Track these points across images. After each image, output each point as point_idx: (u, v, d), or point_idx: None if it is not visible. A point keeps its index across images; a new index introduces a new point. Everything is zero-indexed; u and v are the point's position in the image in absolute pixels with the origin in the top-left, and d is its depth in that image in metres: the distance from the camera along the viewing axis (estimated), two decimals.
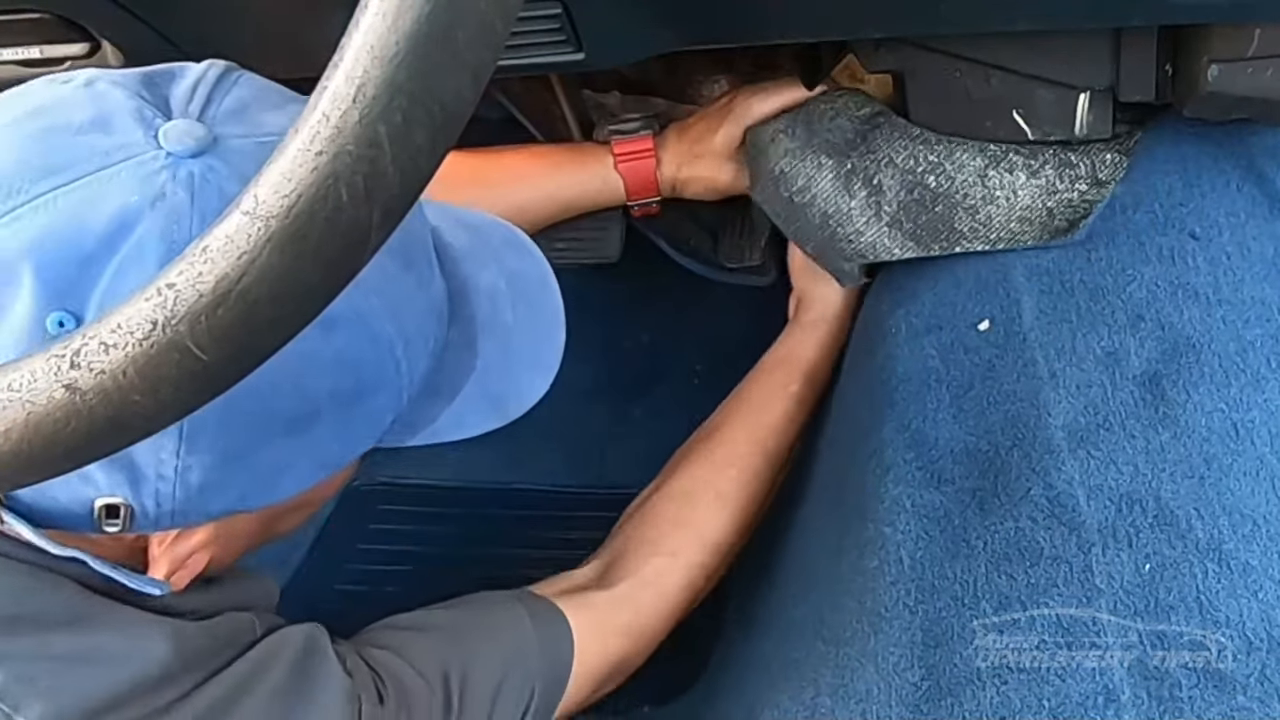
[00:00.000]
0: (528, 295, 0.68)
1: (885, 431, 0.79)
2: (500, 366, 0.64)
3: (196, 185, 0.49)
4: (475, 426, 0.64)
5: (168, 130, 0.50)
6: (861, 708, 0.68)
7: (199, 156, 0.50)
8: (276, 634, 0.62)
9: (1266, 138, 0.84)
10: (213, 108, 0.52)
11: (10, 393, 0.35)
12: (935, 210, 0.86)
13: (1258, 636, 0.61)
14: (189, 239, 0.47)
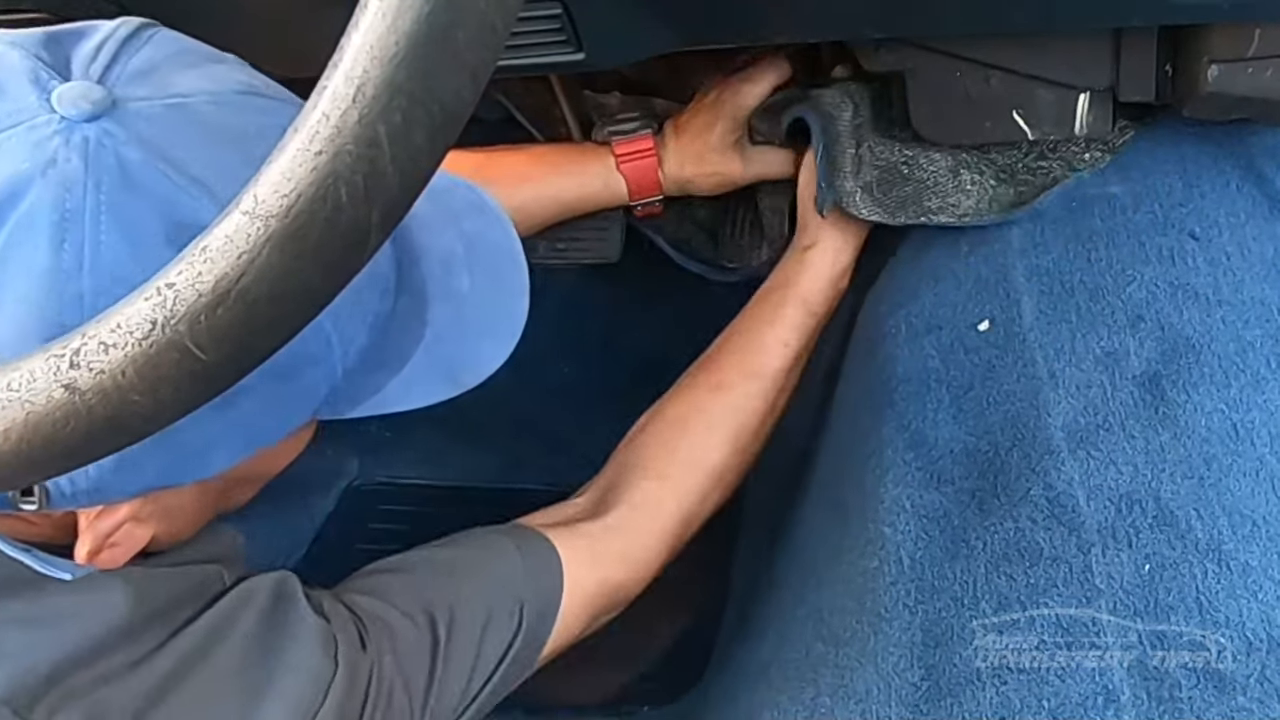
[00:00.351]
0: (487, 261, 0.65)
1: (885, 431, 0.79)
2: (453, 335, 0.62)
3: (91, 151, 0.47)
4: (425, 396, 0.60)
5: (62, 93, 0.48)
6: (861, 708, 0.68)
7: (95, 121, 0.48)
8: (245, 583, 0.61)
9: (1266, 138, 0.84)
10: (117, 68, 0.50)
11: (9, 393, 0.35)
12: (905, 190, 0.89)
13: (1257, 637, 0.61)
14: (83, 208, 0.47)
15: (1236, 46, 0.75)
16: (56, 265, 0.47)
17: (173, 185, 0.48)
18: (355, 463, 1.35)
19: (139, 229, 0.48)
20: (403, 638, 0.65)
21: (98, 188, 0.47)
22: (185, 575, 0.59)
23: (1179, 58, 0.80)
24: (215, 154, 0.50)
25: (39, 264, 0.46)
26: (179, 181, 0.48)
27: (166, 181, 0.48)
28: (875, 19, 0.78)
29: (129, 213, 0.47)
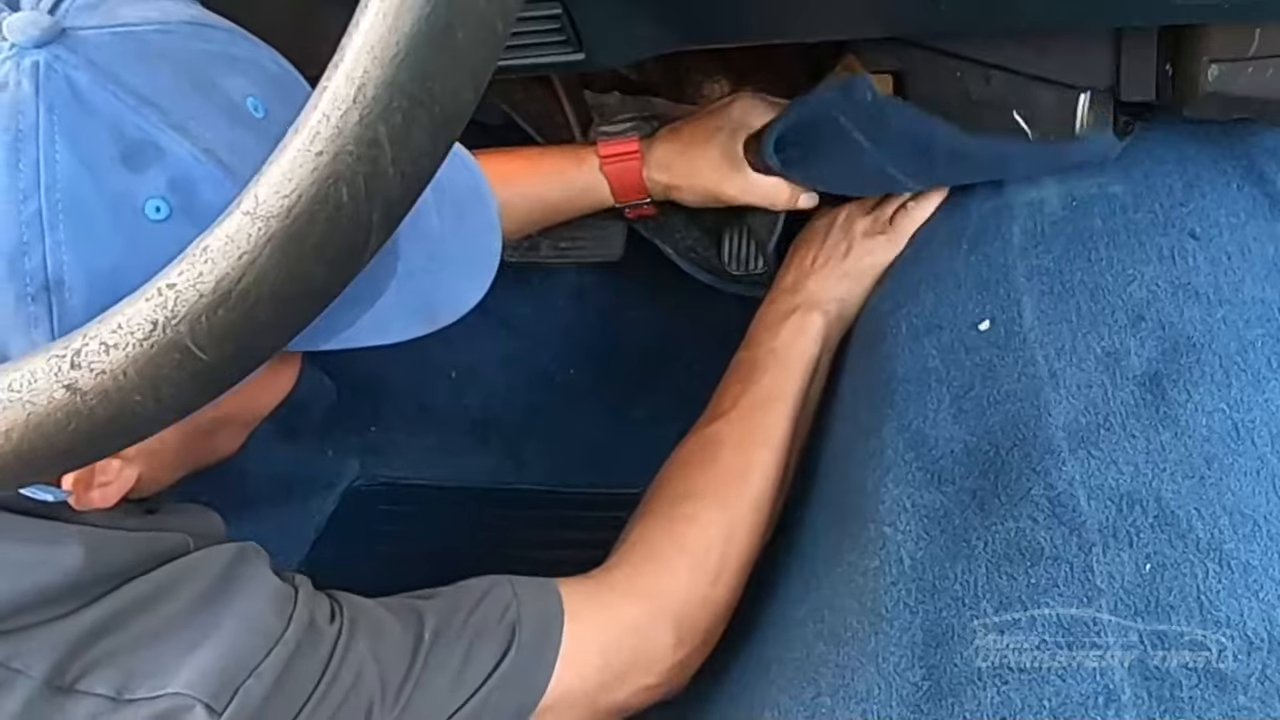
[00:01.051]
0: (457, 203, 0.66)
1: (885, 431, 0.79)
2: (426, 272, 0.62)
3: (42, 75, 0.49)
4: (400, 332, 0.61)
5: (11, 22, 0.50)
6: (862, 708, 0.68)
7: (44, 47, 0.49)
8: (210, 548, 0.61)
9: (1266, 138, 0.84)
10: (65, 2, 0.52)
11: (11, 393, 0.35)
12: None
13: (1258, 636, 0.61)
14: (36, 128, 0.48)
15: (1236, 46, 0.75)
16: (13, 184, 0.48)
17: (123, 105, 0.50)
18: (355, 463, 1.35)
19: (91, 147, 0.49)
20: (386, 628, 0.65)
21: (50, 109, 0.48)
22: (149, 540, 0.60)
23: (1179, 58, 0.79)
24: (164, 77, 0.51)
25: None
26: (129, 102, 0.50)
27: (116, 101, 0.50)
28: (875, 19, 0.78)
29: (81, 131, 0.49)
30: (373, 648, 0.63)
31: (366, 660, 0.63)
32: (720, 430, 0.86)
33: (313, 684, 0.60)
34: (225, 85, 0.53)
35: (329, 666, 0.61)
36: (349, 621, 0.63)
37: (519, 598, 0.70)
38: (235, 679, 0.57)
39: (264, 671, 0.58)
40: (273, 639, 0.59)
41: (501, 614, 0.69)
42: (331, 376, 1.34)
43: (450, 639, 0.66)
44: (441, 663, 0.66)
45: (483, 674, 0.67)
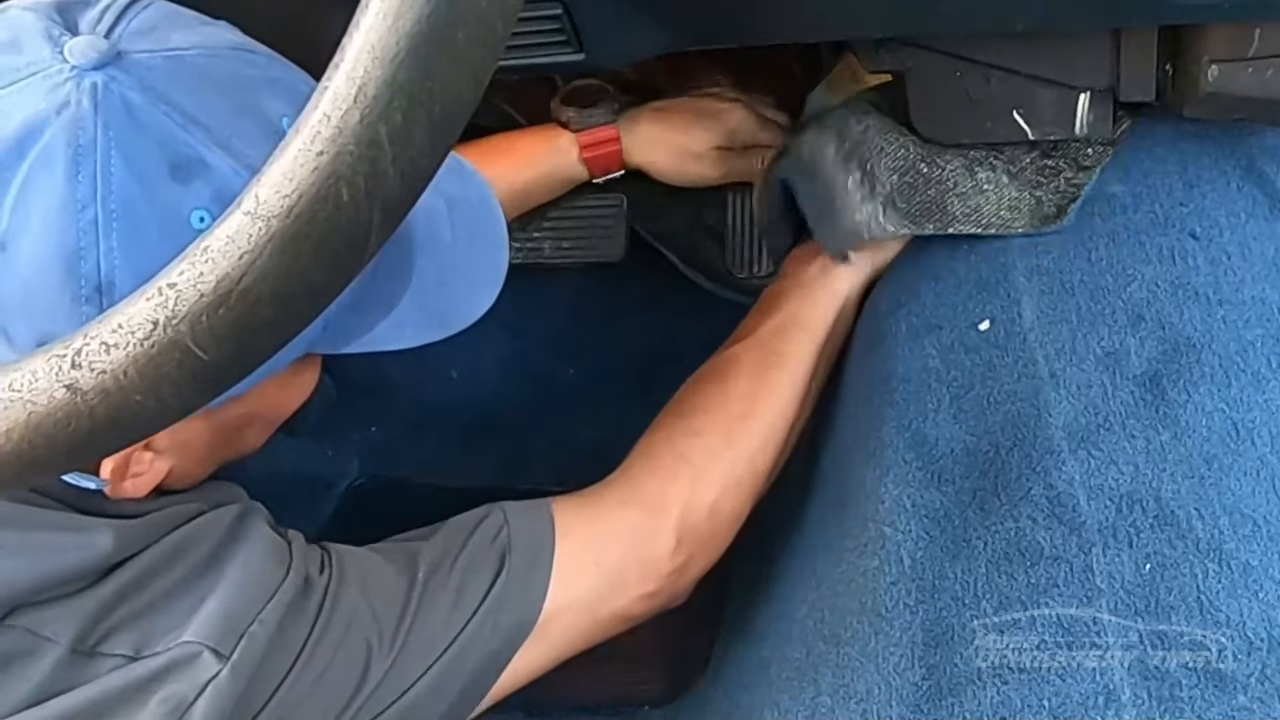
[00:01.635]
0: (467, 217, 0.70)
1: (885, 431, 0.79)
2: (438, 282, 0.66)
3: (100, 95, 0.52)
4: (414, 338, 0.65)
5: (73, 46, 0.53)
6: (862, 708, 0.68)
7: (102, 69, 0.53)
8: (213, 511, 0.65)
9: (1266, 138, 0.84)
10: (120, 27, 0.55)
11: (11, 393, 0.35)
12: (928, 193, 0.87)
13: (1258, 636, 0.61)
14: (94, 144, 0.52)
15: (1236, 46, 0.75)
16: (71, 195, 0.52)
17: (172, 123, 0.54)
18: (356, 463, 1.35)
19: (144, 161, 0.53)
20: (378, 573, 0.67)
21: (106, 126, 0.52)
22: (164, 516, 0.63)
23: (1179, 58, 0.80)
24: (209, 97, 0.55)
25: (57, 194, 0.52)
26: (178, 120, 0.54)
27: (166, 120, 0.53)
28: (875, 19, 0.78)
29: (134, 147, 0.53)
30: (365, 593, 0.66)
31: (359, 606, 0.65)
32: (736, 353, 0.86)
33: (307, 632, 0.62)
34: (264, 106, 0.56)
35: (320, 616, 0.63)
36: (338, 570, 0.66)
37: (510, 522, 0.72)
38: (240, 625, 0.60)
39: (266, 618, 0.61)
40: (273, 587, 0.62)
41: (493, 540, 0.71)
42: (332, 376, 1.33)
43: (444, 574, 0.68)
44: (436, 599, 0.67)
45: (476, 601, 0.68)
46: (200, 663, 0.59)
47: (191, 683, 0.58)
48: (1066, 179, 0.85)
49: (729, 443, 0.81)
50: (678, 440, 0.81)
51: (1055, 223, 0.83)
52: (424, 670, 0.66)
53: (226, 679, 0.59)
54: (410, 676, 0.66)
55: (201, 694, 0.58)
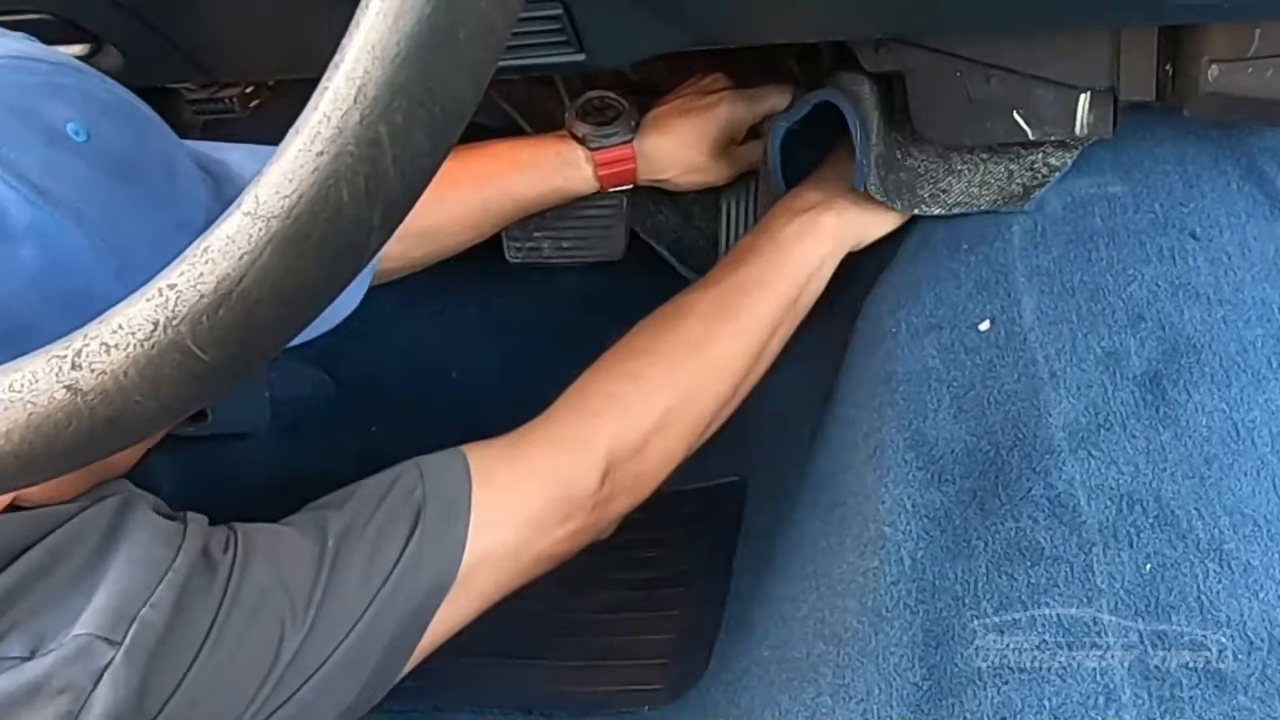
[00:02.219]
0: None
1: (885, 431, 0.79)
2: None
3: None
4: None
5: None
6: (862, 708, 0.68)
7: None
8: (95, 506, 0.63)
9: (1266, 138, 0.84)
10: None
11: (11, 393, 0.35)
12: (899, 176, 0.89)
13: (1258, 636, 0.61)
14: None
15: (1236, 46, 0.75)
16: None
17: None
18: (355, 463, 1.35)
19: None
20: (286, 545, 0.66)
21: None
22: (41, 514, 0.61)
23: (1179, 58, 0.80)
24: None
25: None
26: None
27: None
28: (875, 19, 0.78)
29: None
30: (274, 566, 0.64)
31: (268, 580, 0.64)
32: (695, 299, 0.85)
33: (213, 612, 0.61)
34: (44, 112, 0.55)
35: (227, 591, 0.62)
36: (243, 546, 0.64)
37: (424, 477, 0.71)
38: (129, 610, 0.59)
39: (158, 601, 0.59)
40: (162, 569, 0.60)
41: (405, 498, 0.69)
42: (331, 376, 1.33)
43: (355, 538, 0.67)
44: (348, 565, 0.66)
45: (390, 563, 0.67)
46: (92, 651, 0.57)
47: (86, 672, 0.57)
48: (1044, 156, 0.86)
49: (667, 384, 0.80)
50: (611, 381, 0.80)
51: (1019, 204, 0.85)
52: (340, 640, 0.65)
53: (121, 665, 0.57)
54: (327, 648, 0.65)
55: (99, 682, 0.57)
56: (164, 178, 0.60)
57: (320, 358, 1.33)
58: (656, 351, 0.81)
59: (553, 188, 1.01)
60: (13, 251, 0.53)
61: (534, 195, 1.01)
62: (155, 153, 0.60)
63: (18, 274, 0.53)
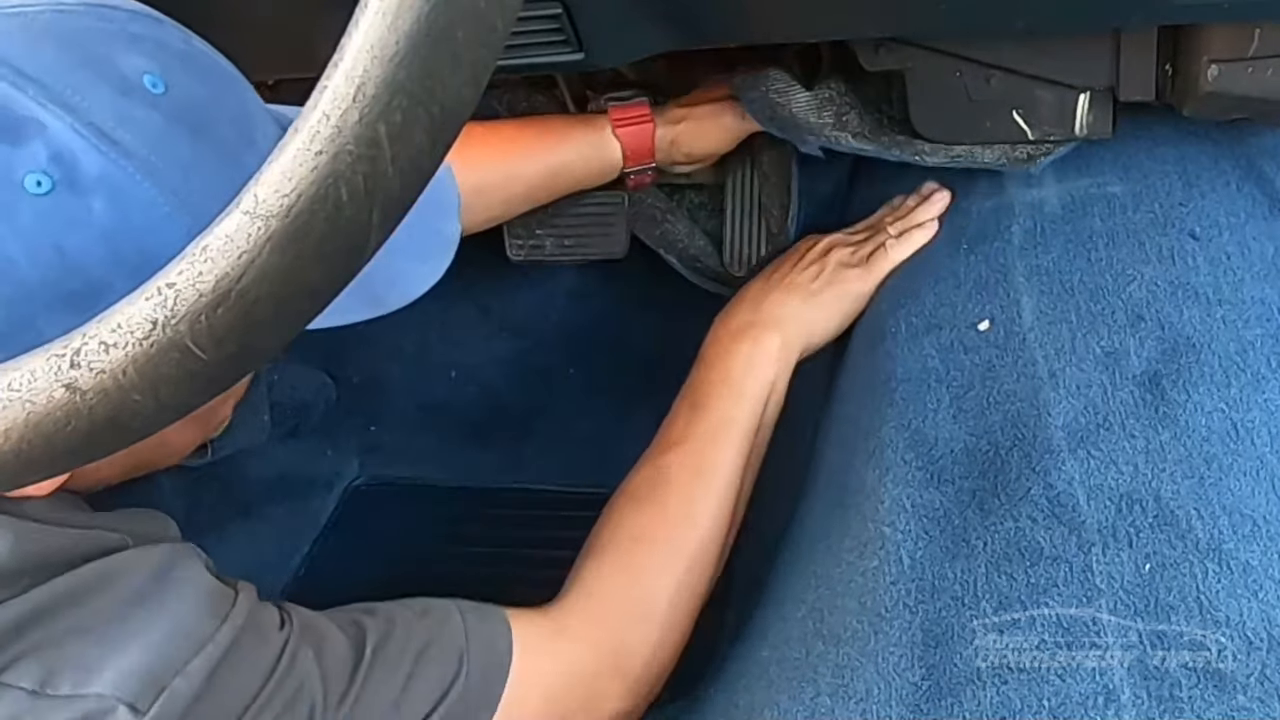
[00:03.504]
0: None
1: (885, 431, 0.79)
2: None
3: None
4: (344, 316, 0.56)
5: None
6: (861, 708, 0.67)
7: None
8: (147, 547, 0.60)
9: (1266, 138, 0.84)
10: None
11: (10, 392, 0.35)
12: (898, 136, 0.91)
13: (1258, 636, 0.61)
14: None
15: (1236, 46, 0.75)
16: None
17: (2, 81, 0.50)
18: (355, 463, 1.35)
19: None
20: (330, 639, 0.64)
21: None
22: (84, 536, 0.59)
23: (1179, 58, 0.80)
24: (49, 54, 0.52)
25: None
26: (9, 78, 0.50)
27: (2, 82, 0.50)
28: (875, 19, 0.78)
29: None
30: (318, 657, 0.62)
31: (311, 669, 0.62)
32: (670, 464, 0.84)
33: (257, 687, 0.59)
34: (119, 61, 0.53)
35: (275, 671, 0.60)
36: (298, 629, 0.62)
37: (466, 623, 0.69)
38: (161, 679, 0.56)
39: (192, 671, 0.56)
40: (203, 640, 0.58)
41: (450, 638, 0.68)
42: (332, 376, 1.34)
43: (393, 656, 0.65)
44: (384, 679, 0.64)
45: (430, 699, 0.65)
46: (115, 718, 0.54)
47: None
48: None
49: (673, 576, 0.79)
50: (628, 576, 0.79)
51: (1024, 165, 0.85)
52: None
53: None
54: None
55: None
56: (238, 135, 0.57)
57: (321, 359, 1.33)
58: (654, 539, 0.81)
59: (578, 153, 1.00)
60: (84, 204, 0.51)
61: (561, 163, 1.00)
62: (231, 108, 0.58)
63: (89, 226, 0.51)
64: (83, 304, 0.51)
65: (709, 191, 1.15)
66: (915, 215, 0.94)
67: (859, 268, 0.92)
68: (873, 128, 0.93)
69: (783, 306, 0.90)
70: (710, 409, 0.86)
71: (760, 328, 0.89)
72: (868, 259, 0.93)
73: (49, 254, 0.50)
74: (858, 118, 0.93)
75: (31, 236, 0.49)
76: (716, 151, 1.04)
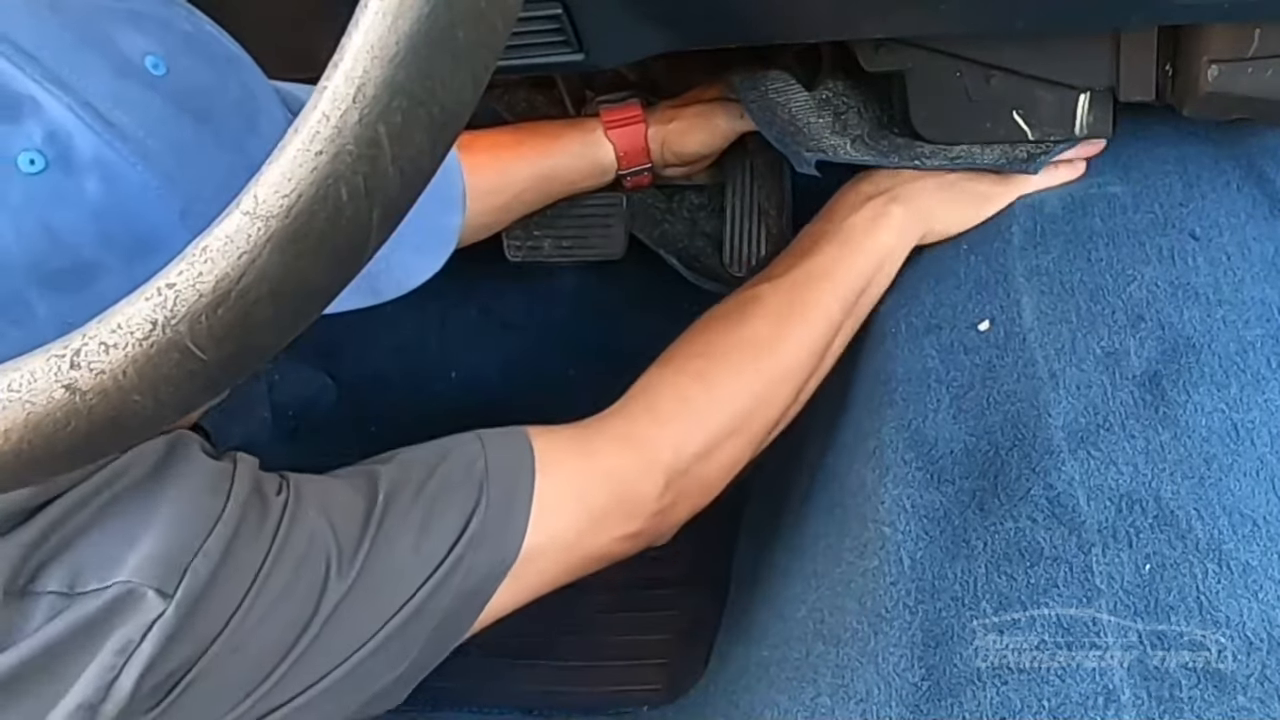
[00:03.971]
0: None
1: (885, 431, 0.79)
2: None
3: None
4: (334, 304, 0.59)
5: None
6: (861, 708, 0.68)
7: None
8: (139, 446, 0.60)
9: (1266, 138, 0.84)
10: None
11: (10, 393, 0.35)
12: (898, 139, 0.90)
13: (1258, 636, 0.61)
14: None
15: (1236, 46, 0.75)
16: None
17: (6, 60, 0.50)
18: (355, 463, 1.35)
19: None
20: (337, 494, 0.64)
21: None
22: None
23: (1179, 58, 0.80)
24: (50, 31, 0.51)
25: None
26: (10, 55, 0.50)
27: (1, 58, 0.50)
28: (875, 19, 0.78)
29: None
30: (325, 512, 0.63)
31: (318, 524, 0.62)
32: (762, 293, 0.83)
33: (264, 553, 0.60)
34: (119, 40, 0.52)
35: (278, 534, 0.61)
36: (295, 490, 0.63)
37: (486, 450, 0.68)
38: (181, 561, 0.57)
39: (209, 550, 0.58)
40: (213, 517, 0.59)
41: (467, 470, 0.67)
42: (332, 376, 1.34)
43: (409, 499, 0.65)
44: (400, 524, 0.64)
45: (452, 533, 0.65)
46: (143, 602, 0.56)
47: (136, 624, 0.56)
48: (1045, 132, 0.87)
49: (735, 388, 0.78)
50: (683, 382, 0.78)
51: (1023, 166, 0.85)
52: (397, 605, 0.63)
53: (171, 617, 0.56)
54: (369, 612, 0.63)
55: (147, 635, 0.56)
56: (241, 118, 0.57)
57: (321, 359, 1.33)
58: (724, 353, 0.80)
59: (570, 155, 1.00)
60: (76, 184, 0.51)
61: (553, 167, 1.00)
62: (235, 93, 0.57)
63: (79, 206, 0.51)
64: (72, 283, 0.51)
65: (708, 192, 1.15)
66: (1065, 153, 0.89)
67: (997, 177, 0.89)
68: (872, 129, 0.93)
69: (917, 182, 0.88)
70: (818, 254, 0.84)
71: (889, 196, 0.87)
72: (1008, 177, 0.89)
73: (37, 231, 0.50)
74: (857, 118, 0.93)
75: (20, 214, 0.49)
76: (706, 153, 1.03)
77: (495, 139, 0.99)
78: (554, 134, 1.01)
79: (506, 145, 0.99)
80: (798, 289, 0.82)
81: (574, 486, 0.71)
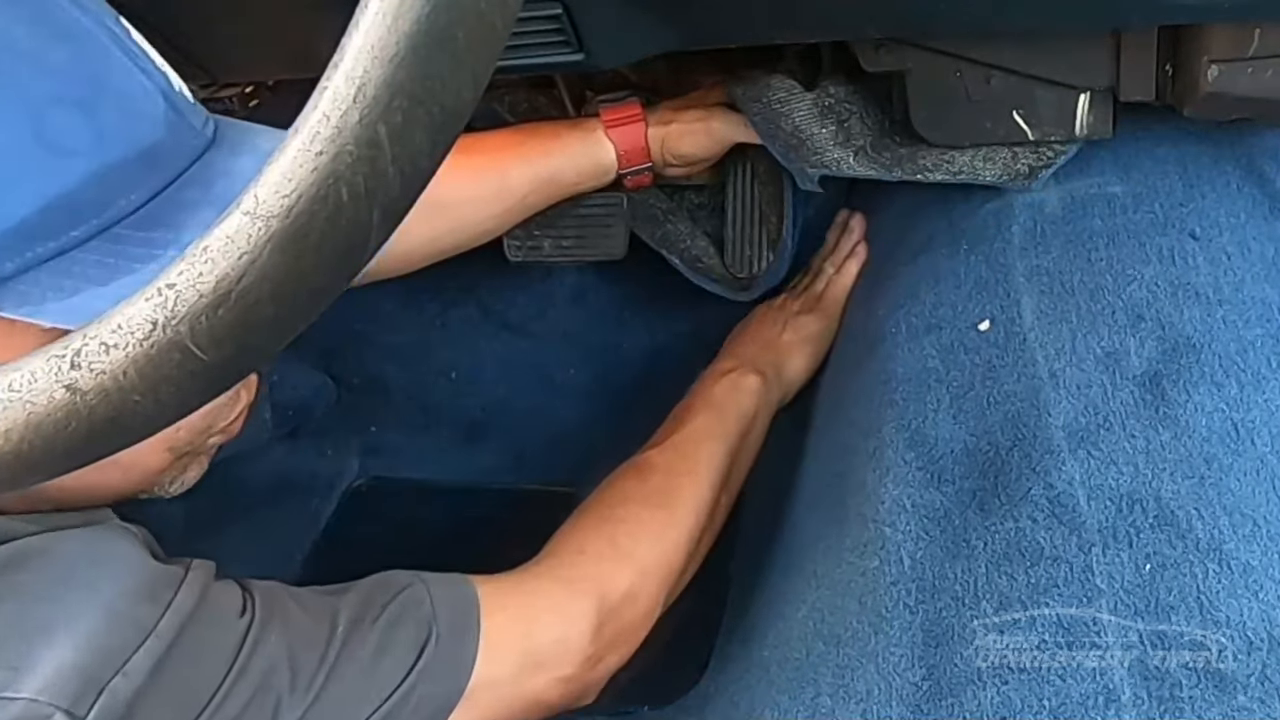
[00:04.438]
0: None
1: (885, 431, 0.79)
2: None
3: None
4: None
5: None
6: (862, 708, 0.68)
7: None
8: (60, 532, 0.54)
9: (1266, 138, 0.84)
10: None
11: (10, 393, 0.35)
12: (900, 149, 0.92)
13: (1258, 636, 0.61)
14: None
15: (1236, 46, 0.75)
16: None
17: None
18: (355, 463, 1.35)
19: None
20: (298, 619, 0.62)
21: None
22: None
23: (1179, 58, 0.80)
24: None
25: None
26: None
27: None
28: (875, 19, 0.78)
29: None
30: (286, 640, 0.60)
31: (279, 654, 0.59)
32: (651, 458, 0.89)
33: (219, 678, 0.55)
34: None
35: (237, 660, 0.57)
36: (261, 613, 0.60)
37: (431, 592, 0.69)
38: (99, 678, 0.51)
39: (132, 669, 0.52)
40: (143, 631, 0.53)
41: (416, 607, 0.67)
42: (332, 376, 1.34)
43: (364, 630, 0.64)
44: (354, 654, 0.62)
45: (403, 667, 0.64)
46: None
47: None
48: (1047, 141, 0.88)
49: (650, 532, 0.82)
50: (606, 528, 0.82)
51: (1024, 181, 0.86)
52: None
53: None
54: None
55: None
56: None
57: (321, 359, 1.33)
58: (639, 502, 0.85)
59: (579, 158, 1.01)
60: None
61: (554, 169, 1.00)
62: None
63: None
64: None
65: (709, 192, 1.15)
66: (841, 248, 1.04)
67: (814, 310, 1.01)
68: (875, 138, 0.93)
69: (758, 356, 0.99)
70: (692, 422, 0.92)
71: (740, 370, 0.96)
72: (819, 297, 1.02)
73: None
74: (860, 124, 0.93)
75: None
76: (704, 157, 1.04)
77: (496, 143, 1.00)
78: (554, 135, 1.01)
79: (507, 149, 0.99)
80: (680, 449, 0.90)
81: (519, 624, 0.71)
